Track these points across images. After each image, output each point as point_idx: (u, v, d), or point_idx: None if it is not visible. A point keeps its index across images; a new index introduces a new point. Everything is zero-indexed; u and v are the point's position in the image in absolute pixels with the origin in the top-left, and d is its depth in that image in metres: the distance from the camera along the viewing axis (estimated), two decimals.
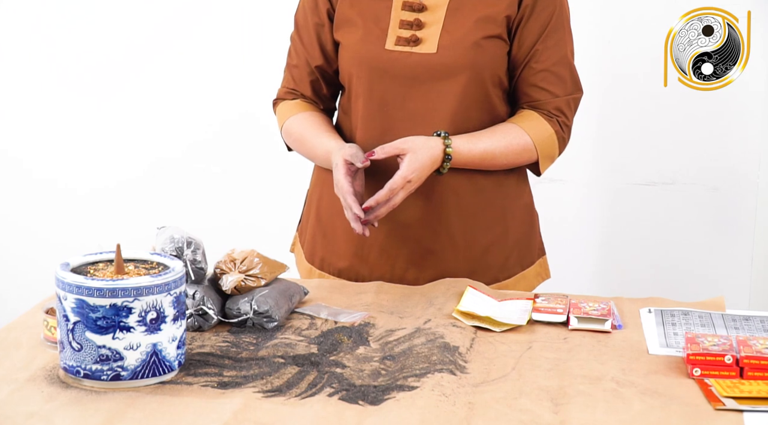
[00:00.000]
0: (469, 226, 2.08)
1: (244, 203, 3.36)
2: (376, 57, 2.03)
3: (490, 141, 2.03)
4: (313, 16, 2.11)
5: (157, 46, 3.31)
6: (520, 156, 2.06)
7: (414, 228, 2.06)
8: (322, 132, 2.08)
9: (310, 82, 2.15)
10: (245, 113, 3.31)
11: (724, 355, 1.62)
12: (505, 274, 2.13)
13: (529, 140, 2.04)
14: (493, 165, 2.05)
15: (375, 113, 2.05)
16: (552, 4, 2.04)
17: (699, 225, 3.15)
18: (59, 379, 1.60)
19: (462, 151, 2.00)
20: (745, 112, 3.06)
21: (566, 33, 2.08)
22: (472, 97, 2.03)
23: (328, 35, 2.10)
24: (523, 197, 2.16)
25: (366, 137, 2.05)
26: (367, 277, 2.11)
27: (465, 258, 2.09)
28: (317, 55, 2.12)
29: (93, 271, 1.62)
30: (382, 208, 1.95)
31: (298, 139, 2.12)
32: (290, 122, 2.14)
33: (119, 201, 3.41)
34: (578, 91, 2.10)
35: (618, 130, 3.14)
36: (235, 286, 1.81)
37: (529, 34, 2.03)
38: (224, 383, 1.60)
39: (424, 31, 2.02)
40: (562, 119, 2.07)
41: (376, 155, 1.96)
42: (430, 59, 2.01)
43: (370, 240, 2.09)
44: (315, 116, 2.13)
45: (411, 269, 2.09)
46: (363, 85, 2.05)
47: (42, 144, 3.42)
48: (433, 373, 1.62)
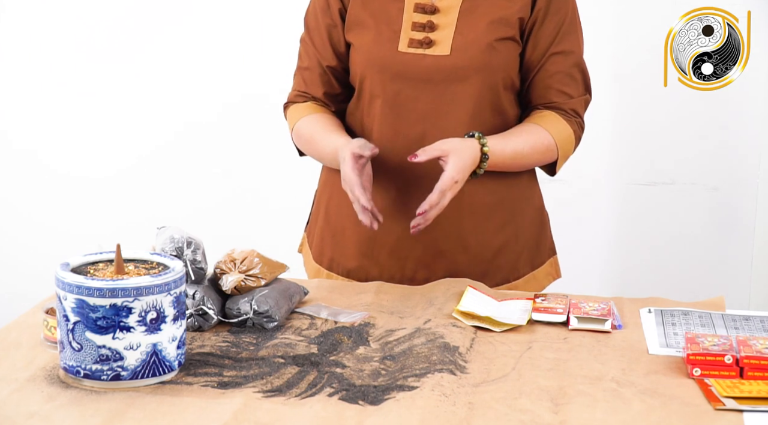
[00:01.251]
0: (481, 227, 2.08)
1: (244, 203, 3.36)
2: (388, 59, 2.03)
3: (519, 141, 2.03)
4: (325, 17, 2.10)
5: (161, 46, 3.31)
6: (543, 156, 2.06)
7: (425, 229, 2.05)
8: (331, 131, 2.07)
9: (323, 84, 2.13)
10: (247, 112, 3.31)
11: (724, 355, 1.62)
12: (515, 275, 2.13)
13: (552, 141, 2.05)
14: (520, 166, 2.06)
15: (387, 115, 2.04)
16: (565, 6, 2.04)
17: (699, 225, 3.15)
18: (59, 379, 1.60)
19: (496, 151, 2.00)
20: (745, 112, 3.06)
21: (579, 34, 2.08)
22: (485, 99, 2.03)
23: (340, 36, 2.09)
24: (534, 198, 2.16)
25: (379, 139, 2.05)
26: (376, 278, 2.10)
27: (476, 259, 2.09)
28: (329, 55, 2.11)
29: (93, 271, 1.62)
30: (433, 211, 1.95)
31: (308, 140, 2.11)
32: (300, 124, 2.13)
33: (119, 201, 3.41)
34: (588, 93, 2.11)
35: (618, 130, 3.14)
36: (235, 286, 1.81)
37: (543, 37, 2.04)
38: (224, 383, 1.60)
39: (437, 33, 2.02)
40: (578, 119, 2.08)
41: (419, 157, 1.95)
42: (444, 61, 2.01)
43: (381, 241, 2.08)
44: (325, 117, 2.12)
45: (421, 270, 2.09)
46: (376, 87, 2.05)
47: (43, 145, 3.42)
48: (433, 373, 1.62)
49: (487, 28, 2.01)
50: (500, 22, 2.01)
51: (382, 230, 2.03)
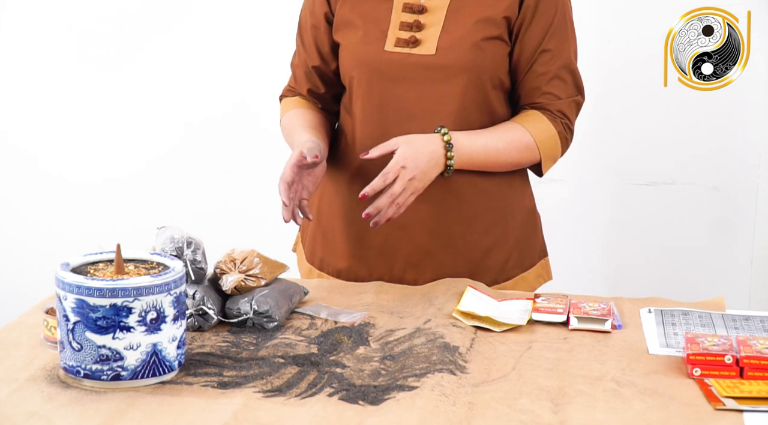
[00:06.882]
0: (469, 228, 2.08)
1: (244, 203, 3.36)
2: (374, 58, 2.04)
3: (493, 136, 2.02)
4: (311, 18, 2.13)
5: (160, 47, 3.31)
6: (522, 155, 2.05)
7: (413, 230, 2.06)
8: (305, 128, 2.09)
9: (307, 82, 2.17)
10: (246, 113, 3.31)
11: (724, 355, 1.62)
12: (504, 276, 2.13)
13: (531, 139, 2.04)
14: (497, 163, 2.05)
15: (374, 114, 2.05)
16: (554, 5, 2.03)
17: (699, 225, 3.15)
18: (59, 379, 1.61)
19: (464, 142, 1.99)
20: (745, 112, 3.06)
21: (569, 35, 2.07)
22: (472, 99, 2.03)
23: (324, 37, 2.12)
24: (525, 199, 2.16)
25: (365, 138, 2.05)
26: (366, 278, 2.11)
27: (464, 260, 2.08)
28: (314, 55, 2.14)
29: (93, 271, 1.63)
30: (388, 208, 1.94)
31: (287, 134, 2.15)
32: (285, 117, 2.17)
33: (119, 201, 3.41)
34: (580, 95, 2.09)
35: (618, 130, 3.14)
36: (235, 286, 1.81)
37: (531, 37, 2.03)
38: (224, 383, 1.60)
39: (424, 33, 2.02)
40: (565, 121, 2.07)
41: (370, 154, 1.96)
42: (429, 61, 2.01)
43: (369, 242, 2.09)
44: (307, 112, 2.14)
45: (410, 271, 2.09)
46: (362, 86, 2.05)
47: (43, 146, 3.42)
48: (433, 373, 1.62)
49: (473, 28, 2.01)
50: (487, 21, 2.01)
51: (370, 231, 2.04)
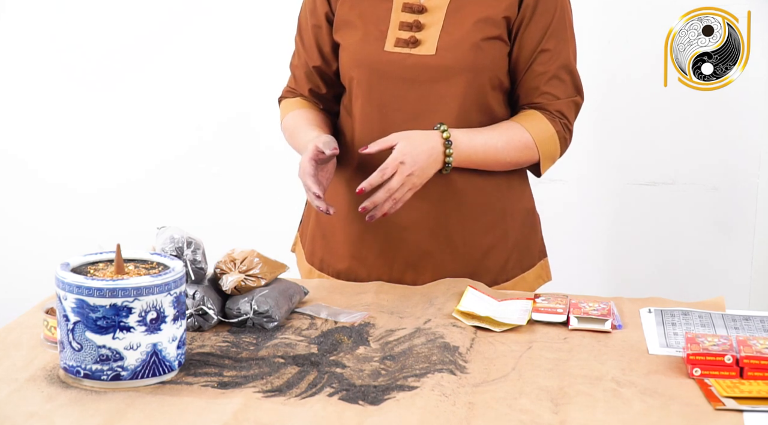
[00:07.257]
0: (469, 228, 2.08)
1: (244, 203, 3.36)
2: (374, 58, 2.03)
3: (492, 134, 2.02)
4: (312, 18, 2.13)
5: (159, 48, 3.31)
6: (521, 154, 2.05)
7: (412, 230, 2.06)
8: (311, 126, 2.09)
9: (308, 82, 2.16)
10: (245, 114, 3.31)
11: (724, 355, 1.62)
12: (504, 277, 2.13)
13: (530, 138, 2.04)
14: (496, 162, 2.04)
15: (374, 115, 2.05)
16: (553, 6, 2.03)
17: (699, 225, 3.15)
18: (59, 379, 1.61)
19: (463, 139, 1.99)
20: (745, 112, 3.06)
21: (568, 35, 2.07)
22: (472, 99, 2.03)
23: (325, 37, 2.11)
24: (524, 199, 2.16)
25: (364, 139, 2.05)
26: (365, 279, 2.10)
27: (463, 261, 2.08)
28: (315, 56, 2.14)
29: (93, 271, 1.63)
30: (385, 203, 1.94)
31: (291, 134, 2.14)
32: (287, 118, 2.16)
33: (119, 201, 3.41)
34: (579, 95, 2.09)
35: (618, 130, 3.14)
36: (235, 286, 1.81)
37: (530, 37, 2.03)
38: (224, 383, 1.60)
39: (423, 33, 2.02)
40: (563, 121, 2.07)
41: (369, 148, 1.96)
42: (429, 61, 2.01)
43: (369, 242, 2.09)
44: (310, 112, 2.14)
45: (409, 272, 2.09)
46: (362, 86, 2.05)
47: (43, 146, 3.42)
48: (433, 373, 1.62)
49: (473, 28, 2.01)
50: (486, 21, 2.01)
51: (370, 232, 2.04)
